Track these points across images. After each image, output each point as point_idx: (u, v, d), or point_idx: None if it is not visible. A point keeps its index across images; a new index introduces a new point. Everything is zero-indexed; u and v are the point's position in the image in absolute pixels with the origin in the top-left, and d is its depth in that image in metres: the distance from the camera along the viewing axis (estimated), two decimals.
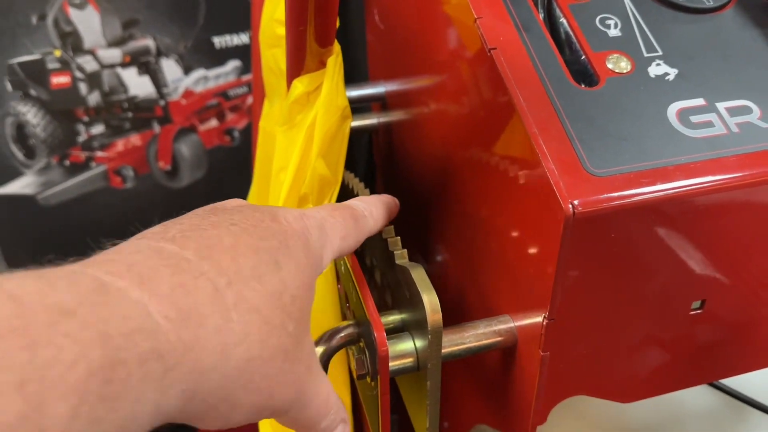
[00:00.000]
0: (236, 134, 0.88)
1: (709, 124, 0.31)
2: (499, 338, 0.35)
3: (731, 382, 0.48)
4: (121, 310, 0.22)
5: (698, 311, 0.34)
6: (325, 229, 0.31)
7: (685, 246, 0.31)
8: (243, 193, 0.93)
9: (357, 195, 0.42)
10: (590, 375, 0.35)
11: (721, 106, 0.32)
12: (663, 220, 0.30)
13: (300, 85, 0.40)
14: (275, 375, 0.26)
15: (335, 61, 0.39)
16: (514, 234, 0.34)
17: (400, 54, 0.48)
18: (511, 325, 0.35)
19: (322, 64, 0.39)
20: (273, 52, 0.45)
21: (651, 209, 0.29)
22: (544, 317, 0.32)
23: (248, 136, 0.89)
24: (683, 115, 0.32)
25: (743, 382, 0.48)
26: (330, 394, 0.30)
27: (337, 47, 0.39)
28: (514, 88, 0.31)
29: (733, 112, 0.32)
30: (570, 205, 0.28)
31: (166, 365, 0.22)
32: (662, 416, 0.48)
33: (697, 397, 0.48)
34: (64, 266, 0.23)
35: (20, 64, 0.74)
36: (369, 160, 0.63)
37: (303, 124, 0.40)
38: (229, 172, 0.90)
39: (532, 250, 0.32)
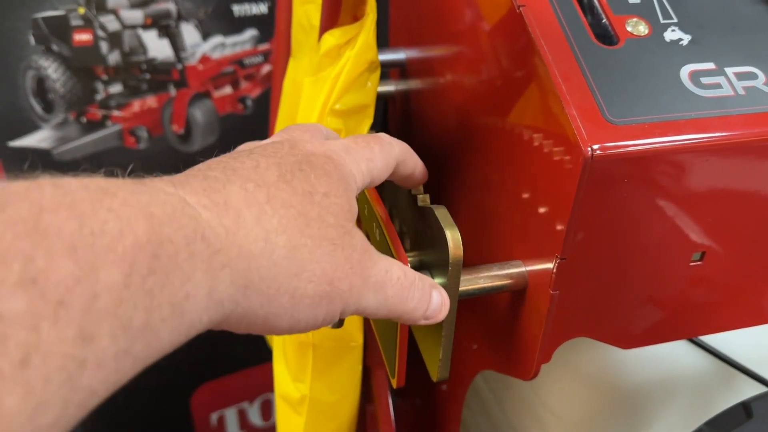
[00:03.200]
0: (249, 102, 0.90)
1: (717, 86, 0.34)
2: (510, 281, 0.38)
3: (721, 346, 0.50)
4: (160, 198, 0.22)
5: (698, 263, 0.37)
6: (349, 150, 0.32)
7: (690, 197, 0.34)
8: None
9: None
10: (594, 317, 0.38)
11: (730, 70, 0.35)
12: (672, 170, 0.33)
13: (331, 38, 0.42)
14: (328, 261, 0.27)
15: (372, 15, 0.41)
16: (533, 184, 0.36)
17: (424, 19, 0.50)
18: (523, 269, 0.38)
19: (355, 19, 0.42)
20: (306, 8, 0.47)
21: (662, 158, 0.32)
22: (557, 257, 0.34)
23: (261, 105, 0.91)
24: (695, 76, 0.34)
25: (732, 347, 0.50)
26: (406, 270, 0.31)
27: (372, 1, 0.41)
28: (540, 42, 0.34)
29: (741, 76, 0.35)
30: (589, 149, 0.30)
31: (212, 247, 0.23)
32: (652, 376, 0.51)
33: (687, 359, 0.51)
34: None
35: (44, 18, 0.76)
36: (384, 128, 0.66)
37: (330, 75, 0.42)
38: (240, 139, 0.91)
39: (550, 196, 0.34)
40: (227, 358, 1.10)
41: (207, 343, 1.16)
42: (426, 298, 0.32)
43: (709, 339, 0.51)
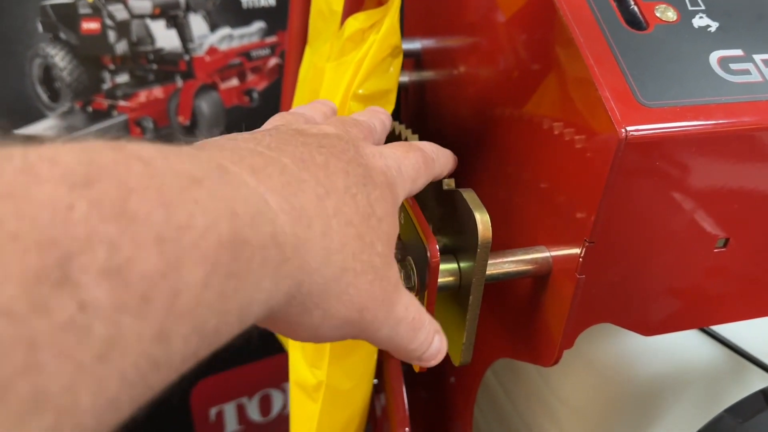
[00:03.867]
0: (255, 95, 0.90)
1: (746, 72, 0.34)
2: (534, 266, 0.38)
3: (733, 337, 0.50)
4: (242, 193, 0.21)
5: (722, 249, 0.37)
6: (401, 170, 0.32)
7: (718, 182, 0.34)
8: None
9: (405, 140, 0.44)
10: (617, 303, 0.38)
11: (758, 57, 0.35)
12: (702, 154, 0.33)
13: (355, 22, 0.42)
14: (366, 290, 0.27)
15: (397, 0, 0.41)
16: (561, 169, 0.36)
17: (440, 8, 0.51)
18: (547, 254, 0.38)
19: (380, 3, 0.42)
20: None
21: (694, 142, 0.32)
22: (585, 241, 0.34)
23: (267, 97, 0.91)
24: (723, 62, 0.34)
25: (744, 339, 0.50)
26: (421, 311, 0.31)
27: None
28: (572, 25, 0.34)
29: None
30: (623, 130, 0.31)
31: (283, 255, 0.22)
32: (664, 367, 0.51)
33: (699, 350, 0.51)
34: (172, 144, 0.21)
35: (53, 6, 0.75)
36: (396, 118, 0.66)
37: (354, 59, 0.42)
38: (245, 131, 0.91)
39: (579, 180, 0.34)
40: (227, 353, 1.09)
41: None
42: (428, 342, 0.32)
43: (721, 330, 0.51)
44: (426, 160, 0.34)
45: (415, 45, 0.56)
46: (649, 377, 0.51)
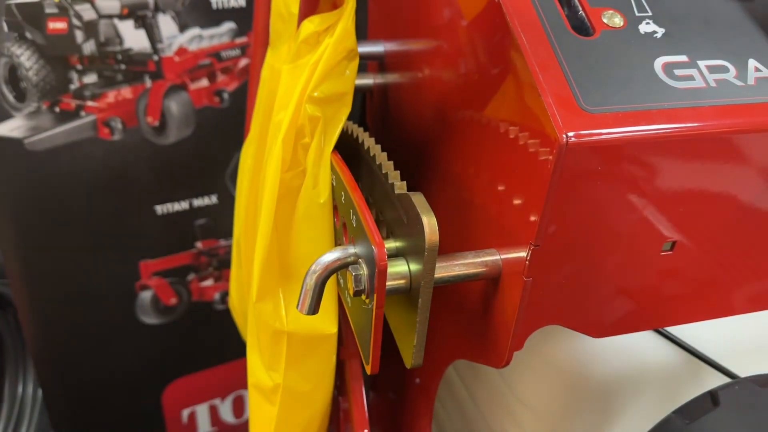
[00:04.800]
0: (226, 96, 0.90)
1: (690, 78, 0.35)
2: (484, 268, 0.38)
3: (689, 338, 0.51)
4: None
5: (668, 252, 0.38)
6: None
7: (661, 185, 0.35)
8: (228, 154, 0.94)
9: (362, 144, 0.44)
10: (566, 305, 0.38)
11: (702, 63, 0.36)
12: (645, 159, 0.33)
13: (311, 24, 0.42)
14: None
15: (351, 3, 0.41)
16: (508, 172, 0.36)
17: (403, 12, 0.51)
18: (497, 257, 0.38)
19: (335, 6, 0.42)
20: None
21: (636, 146, 0.32)
22: (531, 244, 0.34)
23: (237, 98, 0.90)
24: (668, 68, 0.35)
25: (699, 340, 0.51)
26: None
27: None
28: (518, 32, 0.34)
29: (712, 69, 0.35)
30: (564, 136, 0.31)
31: None
32: (622, 367, 0.51)
33: (656, 350, 0.51)
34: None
35: (18, 5, 0.75)
36: (362, 122, 0.66)
37: (309, 62, 0.42)
38: (216, 132, 0.91)
39: (525, 184, 0.34)
40: (198, 354, 1.09)
41: (178, 339, 1.15)
42: None
43: (677, 331, 0.52)
44: None
45: (378, 48, 0.56)
46: (607, 378, 0.51)
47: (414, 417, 0.60)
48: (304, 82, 0.41)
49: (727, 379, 0.48)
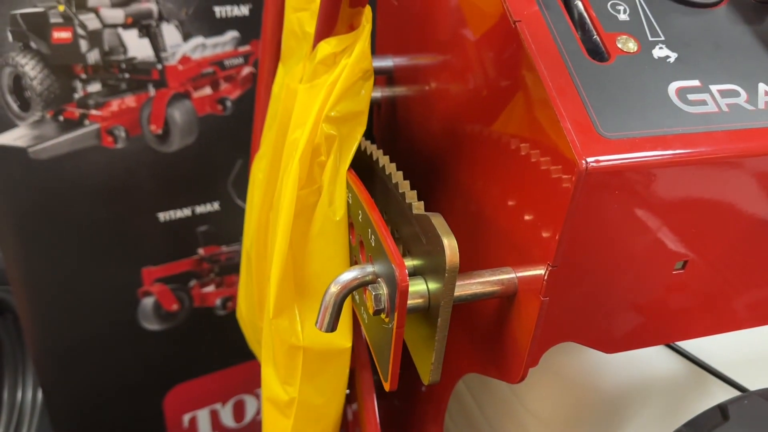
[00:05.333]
0: (229, 104, 0.90)
1: (703, 103, 0.36)
2: (501, 287, 0.39)
3: (696, 351, 0.52)
4: None
5: (680, 271, 0.39)
6: None
7: (675, 208, 0.35)
8: (231, 162, 0.95)
9: (377, 161, 0.45)
10: (581, 322, 0.39)
11: (714, 88, 0.36)
12: (659, 183, 0.34)
13: (328, 46, 0.43)
14: None
15: (368, 26, 0.41)
16: (525, 195, 0.37)
17: (412, 27, 0.51)
18: (513, 275, 0.39)
19: (351, 28, 0.42)
20: (298, 15, 0.48)
21: (651, 172, 0.33)
22: (548, 265, 0.35)
23: (240, 106, 0.91)
24: (681, 93, 0.36)
25: (707, 352, 0.52)
26: None
27: (368, 11, 0.41)
28: (536, 57, 0.35)
29: (724, 94, 0.36)
30: (584, 161, 0.32)
31: None
32: (630, 380, 0.52)
33: (664, 363, 0.52)
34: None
35: (23, 15, 0.75)
36: (368, 134, 0.66)
37: (326, 82, 0.43)
38: (218, 140, 0.92)
39: (542, 206, 0.35)
40: (200, 359, 1.09)
41: (180, 345, 1.15)
42: None
43: (685, 344, 0.53)
44: None
45: (387, 62, 0.57)
46: (615, 390, 0.52)
47: (424, 425, 0.61)
48: (321, 101, 0.42)
49: (734, 391, 0.49)
